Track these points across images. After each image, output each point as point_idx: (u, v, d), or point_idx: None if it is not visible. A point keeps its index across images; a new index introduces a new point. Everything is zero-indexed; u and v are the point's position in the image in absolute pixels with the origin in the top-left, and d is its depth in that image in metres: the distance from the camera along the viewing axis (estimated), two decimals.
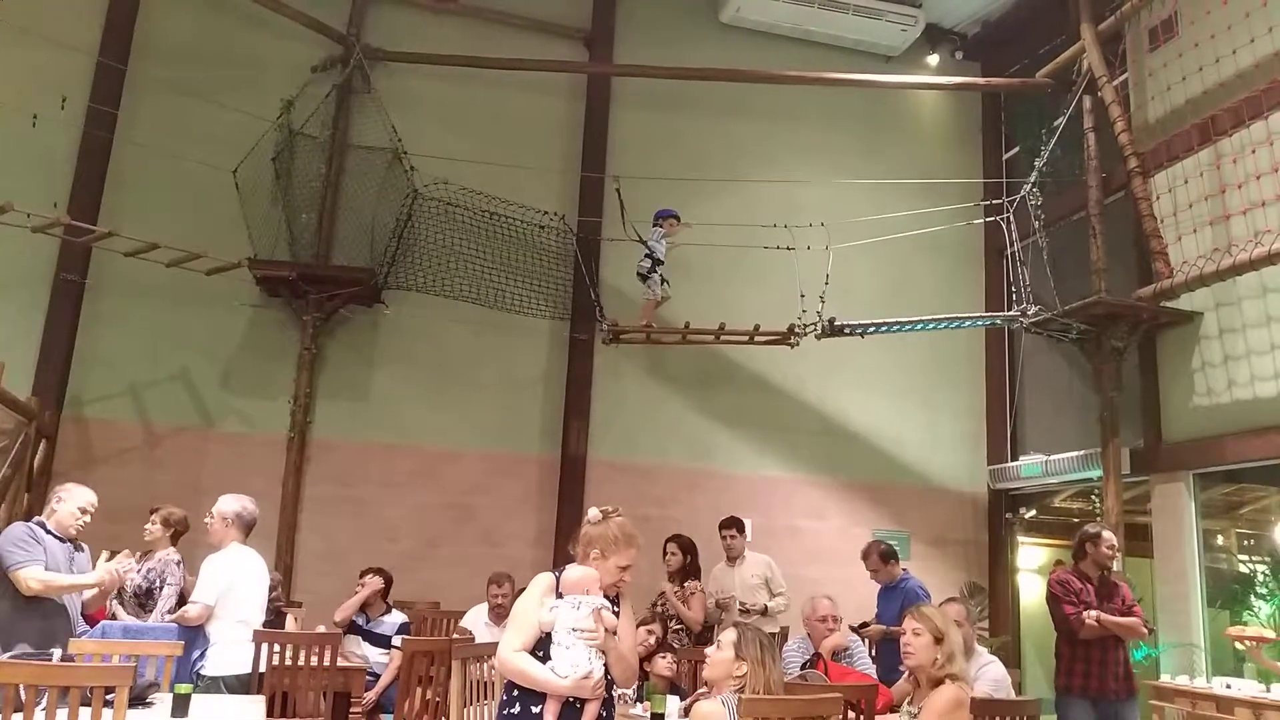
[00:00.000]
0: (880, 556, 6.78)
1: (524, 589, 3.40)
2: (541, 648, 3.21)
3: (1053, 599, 5.72)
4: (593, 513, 3.41)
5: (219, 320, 8.58)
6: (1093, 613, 5.51)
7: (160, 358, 8.46)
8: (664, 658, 5.19)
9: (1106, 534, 5.84)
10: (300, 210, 8.74)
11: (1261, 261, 6.65)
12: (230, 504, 4.98)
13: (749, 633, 3.66)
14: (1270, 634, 6.19)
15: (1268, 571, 7.86)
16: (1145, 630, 5.76)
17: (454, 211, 8.78)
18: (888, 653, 6.33)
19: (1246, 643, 6.16)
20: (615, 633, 3.27)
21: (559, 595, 3.27)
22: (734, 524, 7.44)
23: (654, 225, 8.13)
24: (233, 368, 8.62)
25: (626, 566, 3.32)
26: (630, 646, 3.42)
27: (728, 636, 3.68)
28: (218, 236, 8.15)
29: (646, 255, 8.08)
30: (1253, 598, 7.70)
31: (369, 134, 9.00)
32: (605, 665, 3.23)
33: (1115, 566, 7.34)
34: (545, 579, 3.32)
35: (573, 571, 3.30)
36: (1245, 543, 8.60)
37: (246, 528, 4.99)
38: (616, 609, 3.33)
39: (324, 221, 8.80)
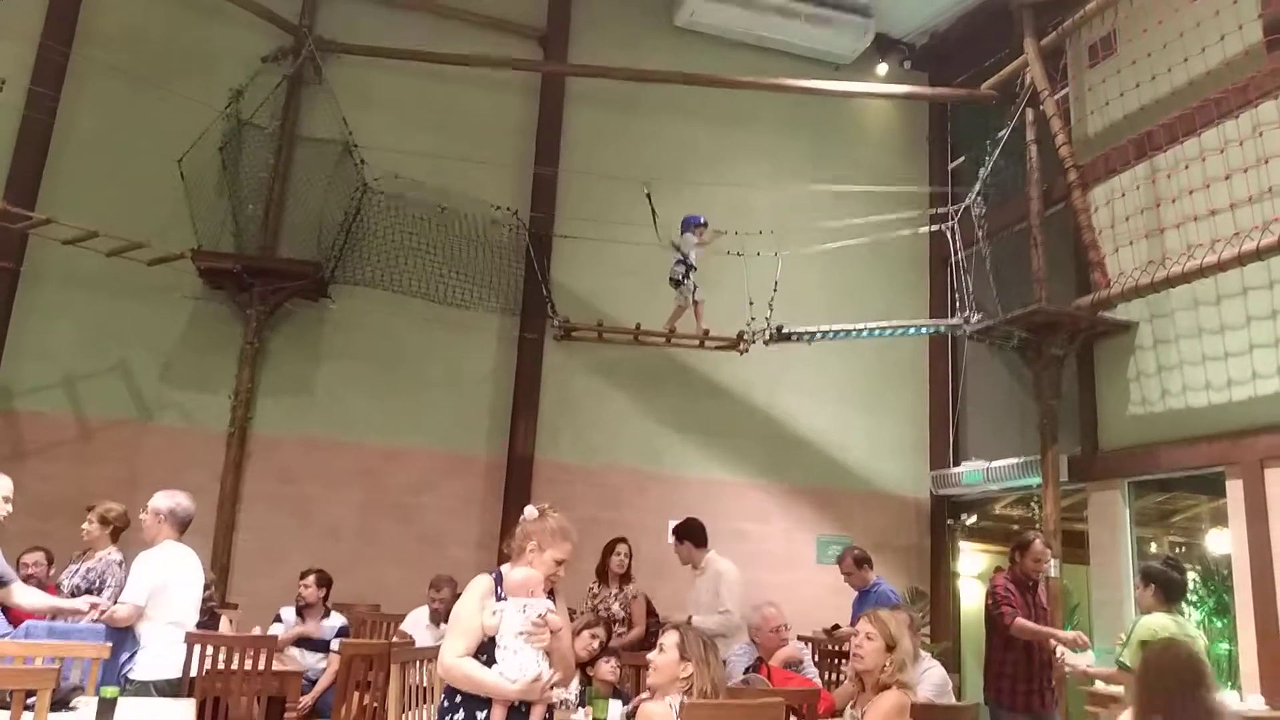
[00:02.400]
0: (854, 561, 6.84)
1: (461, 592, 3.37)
2: (485, 652, 3.16)
3: (993, 601, 5.85)
4: (529, 510, 3.40)
5: (159, 312, 8.39)
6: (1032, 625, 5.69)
7: (97, 349, 8.25)
8: (607, 662, 5.16)
9: (1037, 545, 5.94)
10: (247, 202, 8.59)
11: (1193, 274, 6.83)
12: (163, 500, 4.81)
13: (690, 632, 3.64)
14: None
15: (1198, 579, 8.07)
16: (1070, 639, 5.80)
17: (405, 205, 8.70)
18: None
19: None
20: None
21: (499, 598, 3.24)
22: (674, 533, 6.89)
23: (684, 232, 8.17)
24: (172, 361, 8.43)
25: (562, 560, 3.31)
26: (569, 645, 3.43)
27: (670, 639, 3.65)
28: (161, 227, 8.00)
29: (679, 261, 8.11)
30: (1184, 604, 7.91)
31: (319, 126, 8.88)
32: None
33: (1051, 574, 7.53)
34: (484, 582, 3.28)
35: (516, 573, 3.26)
36: (1177, 550, 8.84)
37: (180, 524, 4.83)
38: (555, 607, 3.31)
39: (271, 214, 8.66)
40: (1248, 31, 6.94)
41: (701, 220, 8.25)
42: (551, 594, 3.32)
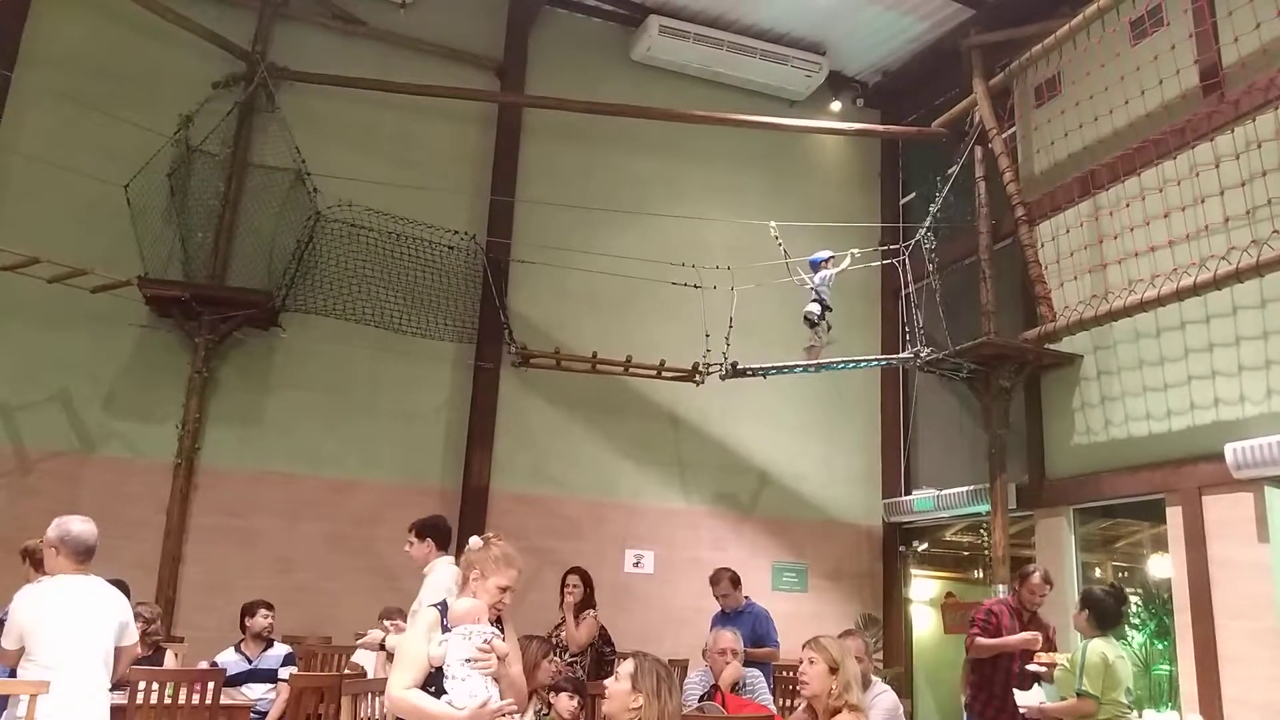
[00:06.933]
0: (730, 581, 6.93)
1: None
2: (432, 683, 3.16)
3: (971, 623, 6.00)
4: (474, 541, 3.43)
5: (103, 341, 8.19)
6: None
7: (36, 378, 8.01)
8: (571, 697, 5.04)
9: (1036, 578, 6.09)
10: (196, 229, 8.46)
11: (1135, 309, 7.06)
12: (51, 530, 4.14)
13: (646, 663, 3.59)
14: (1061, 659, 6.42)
15: (1139, 603, 8.25)
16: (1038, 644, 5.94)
17: (358, 233, 8.64)
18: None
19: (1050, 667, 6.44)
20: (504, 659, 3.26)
21: (445, 630, 3.24)
22: (414, 528, 5.51)
23: (816, 270, 8.22)
24: (116, 391, 8.22)
25: (506, 587, 3.32)
26: (519, 671, 3.44)
27: (625, 668, 3.61)
28: (106, 253, 7.85)
29: (815, 299, 8.16)
30: (1127, 628, 8.07)
31: (271, 153, 8.79)
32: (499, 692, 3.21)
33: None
34: (430, 614, 3.30)
35: (460, 604, 3.29)
36: (1120, 575, 9.02)
37: (75, 553, 4.13)
38: (503, 634, 3.32)
39: (220, 241, 8.53)
40: (1184, 76, 7.24)
41: (825, 258, 8.33)
42: (499, 623, 3.34)
